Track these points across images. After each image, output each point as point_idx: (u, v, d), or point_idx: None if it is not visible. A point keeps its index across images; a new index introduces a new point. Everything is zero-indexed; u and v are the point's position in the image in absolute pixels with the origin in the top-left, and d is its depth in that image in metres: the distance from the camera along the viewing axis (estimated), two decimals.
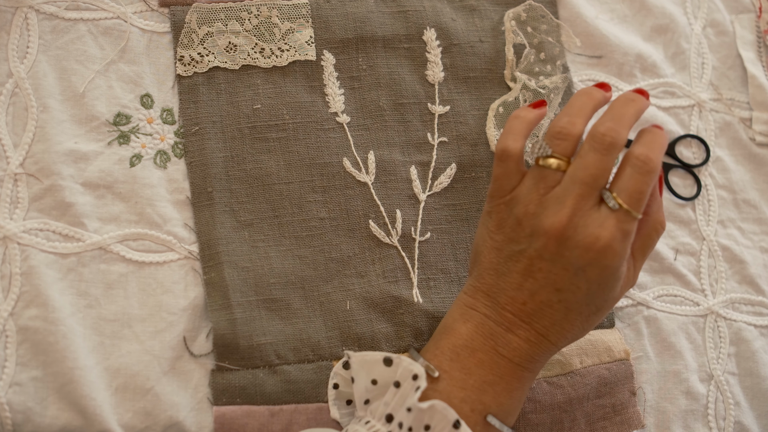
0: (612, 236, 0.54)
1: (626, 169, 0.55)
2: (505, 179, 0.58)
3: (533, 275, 0.56)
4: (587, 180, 0.54)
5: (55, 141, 0.62)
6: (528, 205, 0.56)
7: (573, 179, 0.55)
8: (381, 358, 0.56)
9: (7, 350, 0.57)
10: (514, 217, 0.57)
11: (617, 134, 0.55)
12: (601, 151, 0.55)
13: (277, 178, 0.65)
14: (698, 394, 0.69)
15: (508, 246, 0.57)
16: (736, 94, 0.78)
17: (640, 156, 0.55)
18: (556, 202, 0.55)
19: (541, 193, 0.56)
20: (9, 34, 0.63)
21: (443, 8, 0.72)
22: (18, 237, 0.60)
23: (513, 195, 0.57)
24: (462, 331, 0.57)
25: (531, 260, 0.56)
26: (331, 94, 0.68)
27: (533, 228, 0.55)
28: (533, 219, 0.56)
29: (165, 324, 0.61)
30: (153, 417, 0.59)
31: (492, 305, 0.57)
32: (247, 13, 0.67)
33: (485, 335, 0.57)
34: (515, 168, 0.58)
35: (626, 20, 0.77)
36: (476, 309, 0.58)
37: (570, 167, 0.56)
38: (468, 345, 0.56)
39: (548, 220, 0.55)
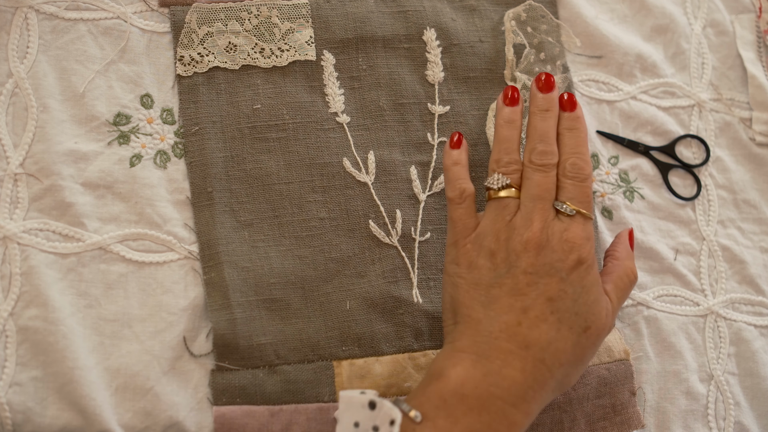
0: (579, 236, 0.59)
1: (566, 182, 0.61)
2: (467, 218, 0.62)
3: (522, 291, 0.58)
4: (543, 195, 0.60)
5: (55, 141, 0.62)
6: (498, 233, 0.60)
7: (531, 198, 0.60)
8: (367, 401, 0.56)
9: (7, 350, 0.57)
10: (486, 249, 0.60)
11: (551, 153, 0.62)
12: (544, 170, 0.61)
13: (277, 178, 0.65)
14: (698, 394, 0.69)
15: (487, 277, 0.59)
16: (736, 94, 0.78)
17: (573, 166, 0.61)
18: (523, 221, 0.60)
19: (507, 220, 0.60)
20: (9, 34, 0.63)
21: (443, 8, 0.72)
22: (18, 237, 0.60)
23: (477, 232, 0.61)
24: (452, 375, 0.56)
25: (516, 279, 0.58)
26: (331, 94, 0.68)
27: (509, 250, 0.59)
28: (508, 243, 0.59)
29: (165, 324, 0.61)
30: (153, 417, 0.59)
31: (484, 341, 0.57)
32: (247, 13, 0.67)
33: (478, 376, 0.55)
34: (473, 207, 0.62)
35: (626, 20, 0.77)
36: (466, 351, 0.57)
37: (523, 192, 0.61)
38: (457, 391, 0.55)
39: (522, 237, 0.59)
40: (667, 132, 0.75)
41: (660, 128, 0.75)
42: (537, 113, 0.63)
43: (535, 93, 0.64)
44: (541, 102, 0.64)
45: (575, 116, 0.64)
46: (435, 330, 0.65)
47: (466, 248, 0.61)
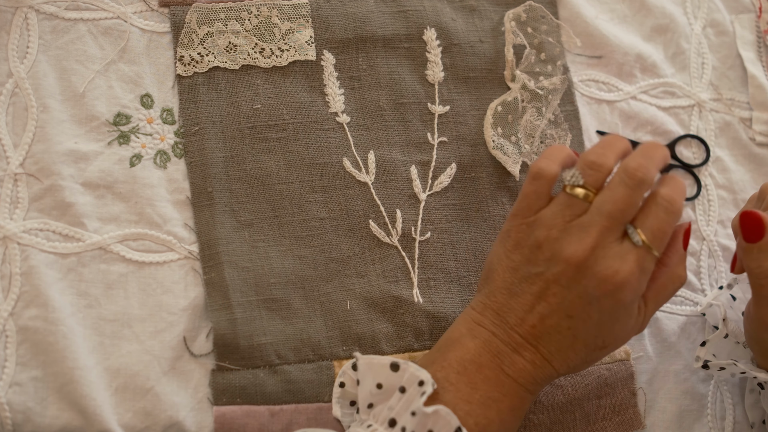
0: (631, 271, 0.54)
1: (651, 208, 0.56)
2: (534, 199, 0.58)
3: (546, 299, 0.56)
4: (614, 213, 0.55)
5: (55, 141, 0.62)
6: (551, 229, 0.56)
7: (600, 211, 0.55)
8: (388, 363, 0.55)
9: (7, 350, 0.57)
10: (534, 238, 0.57)
11: (648, 171, 0.55)
12: (631, 186, 0.55)
13: (277, 178, 0.65)
14: (698, 394, 0.69)
15: (525, 267, 0.57)
16: (736, 94, 0.78)
17: (666, 196, 0.56)
18: (580, 231, 0.55)
19: (567, 220, 0.56)
20: (9, 34, 0.63)
21: (443, 8, 0.72)
22: (18, 237, 0.60)
23: (537, 217, 0.57)
24: (470, 346, 0.57)
25: (547, 284, 0.56)
26: (331, 94, 0.68)
27: (553, 252, 0.55)
28: (555, 243, 0.56)
29: (165, 324, 0.61)
30: (153, 417, 0.59)
31: (500, 324, 0.57)
32: (247, 13, 0.67)
33: (492, 353, 0.56)
34: (546, 190, 0.58)
35: (626, 20, 0.77)
36: (484, 326, 0.57)
37: (597, 198, 0.56)
38: (475, 360, 0.56)
39: (570, 247, 0.55)
40: (667, 132, 0.75)
41: (660, 128, 0.75)
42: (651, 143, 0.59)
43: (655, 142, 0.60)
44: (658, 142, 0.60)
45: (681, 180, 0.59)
46: (435, 330, 0.65)
47: (521, 227, 0.58)
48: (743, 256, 0.60)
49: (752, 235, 0.58)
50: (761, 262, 0.58)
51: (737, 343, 0.67)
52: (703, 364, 0.65)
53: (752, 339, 0.63)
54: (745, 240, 0.59)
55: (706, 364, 0.65)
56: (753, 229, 0.58)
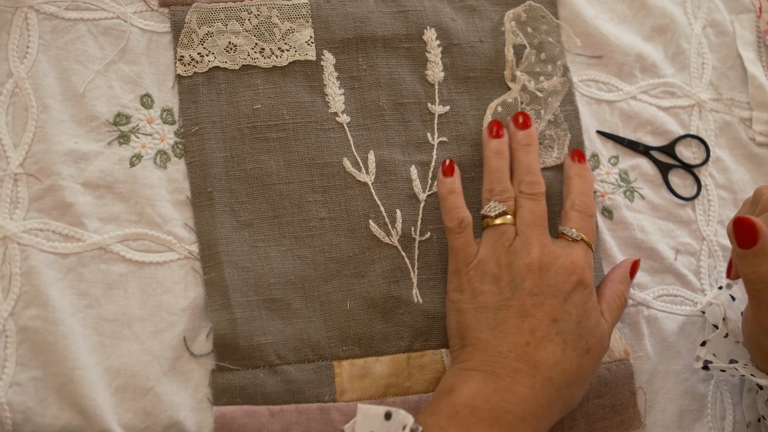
0: (581, 259, 0.62)
1: (573, 213, 0.65)
2: (468, 247, 0.63)
3: (529, 313, 0.59)
4: (539, 222, 0.63)
5: (55, 141, 0.62)
6: (499, 258, 0.62)
7: (528, 224, 0.63)
8: (383, 413, 0.57)
9: (7, 350, 0.57)
10: (489, 275, 0.62)
11: (539, 184, 0.65)
12: (535, 198, 0.64)
13: (277, 178, 0.65)
14: (698, 394, 0.69)
15: (493, 301, 0.61)
16: (736, 94, 0.78)
17: (582, 204, 0.66)
18: (523, 246, 0.62)
19: (507, 245, 0.63)
20: (9, 34, 0.63)
21: (443, 8, 0.72)
22: (18, 237, 0.60)
23: (479, 259, 0.63)
24: (463, 389, 0.57)
25: (522, 300, 0.60)
26: (331, 94, 0.68)
27: (513, 274, 0.61)
28: (509, 267, 0.62)
29: (165, 324, 0.61)
30: (153, 417, 0.59)
31: (493, 360, 0.58)
32: (247, 13, 0.67)
33: (489, 391, 0.57)
34: (472, 235, 0.64)
35: (626, 20, 0.77)
36: (476, 369, 0.58)
37: (518, 219, 0.64)
38: (469, 403, 0.56)
39: (524, 260, 0.61)
40: (667, 132, 0.75)
41: (660, 128, 0.75)
42: (520, 148, 0.67)
43: (515, 131, 0.68)
44: (522, 138, 0.67)
45: (584, 167, 0.68)
46: (435, 330, 0.65)
47: (468, 275, 0.63)
48: (738, 262, 0.60)
49: (746, 241, 0.58)
50: (756, 268, 0.58)
51: (737, 343, 0.67)
52: (703, 365, 0.65)
53: (750, 342, 0.63)
54: (739, 246, 0.59)
55: (707, 366, 0.65)
56: (746, 234, 0.58)
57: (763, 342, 0.61)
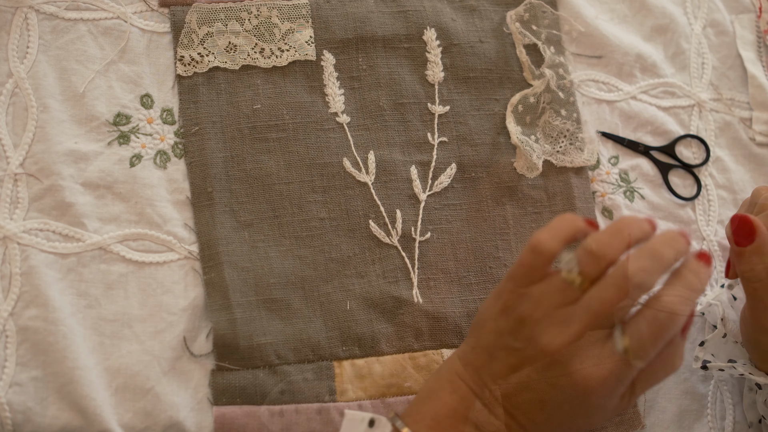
0: (604, 379, 0.52)
1: (647, 314, 0.53)
2: (530, 271, 0.55)
3: (521, 376, 0.54)
4: (601, 313, 0.52)
5: (55, 141, 0.62)
6: (536, 309, 0.53)
7: (587, 307, 0.52)
8: (368, 419, 0.56)
9: (7, 350, 0.57)
10: (520, 312, 0.54)
11: (649, 277, 0.52)
12: (625, 291, 0.51)
13: (277, 178, 0.65)
14: (698, 394, 0.69)
15: (507, 337, 0.55)
16: (736, 94, 0.78)
17: (666, 305, 0.52)
18: (561, 322, 0.53)
19: (555, 305, 0.53)
20: (9, 34, 0.63)
21: (443, 8, 0.72)
22: (18, 237, 0.60)
23: (528, 290, 0.54)
24: (447, 400, 0.55)
25: (522, 362, 0.54)
26: (331, 94, 0.68)
27: (531, 335, 0.53)
28: (536, 326, 0.53)
29: (165, 324, 0.61)
30: (153, 417, 0.59)
31: (480, 383, 0.56)
32: (247, 14, 0.67)
33: (469, 410, 0.55)
34: (542, 266, 0.54)
35: (626, 20, 0.77)
36: (465, 381, 0.56)
37: (589, 292, 0.53)
38: (451, 415, 0.55)
39: (547, 337, 0.53)
40: (667, 132, 0.75)
41: (660, 128, 0.75)
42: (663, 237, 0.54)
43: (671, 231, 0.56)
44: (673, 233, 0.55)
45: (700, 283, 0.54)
46: (435, 330, 0.65)
47: (512, 294, 0.55)
48: (735, 260, 0.59)
49: (743, 239, 0.58)
50: (753, 266, 0.58)
51: (736, 343, 0.67)
52: (702, 365, 0.65)
53: (748, 341, 0.63)
54: (737, 244, 0.58)
55: (705, 365, 0.65)
56: (744, 232, 0.58)
57: (760, 340, 0.61)
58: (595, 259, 0.53)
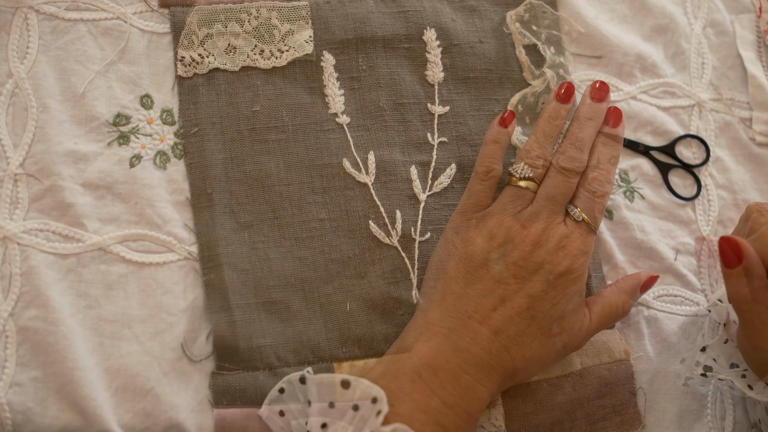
0: (577, 247, 0.61)
1: (583, 192, 0.63)
2: (484, 196, 0.64)
3: (506, 281, 0.59)
4: (557, 198, 0.62)
5: (55, 141, 0.62)
6: (503, 219, 0.62)
7: (546, 197, 0.62)
8: (339, 381, 0.57)
9: (7, 350, 0.58)
10: (487, 229, 0.62)
11: (579, 161, 0.63)
12: (566, 175, 0.63)
13: (276, 179, 0.65)
14: (698, 394, 0.69)
15: (479, 256, 0.61)
16: (736, 94, 0.78)
17: (595, 182, 0.63)
18: (530, 216, 0.62)
19: (517, 210, 0.62)
20: (9, 34, 0.63)
21: (443, 8, 0.71)
22: (18, 237, 0.60)
23: (487, 211, 0.63)
24: (424, 350, 0.58)
25: (505, 267, 0.60)
26: (331, 95, 0.68)
27: (509, 238, 0.61)
28: (508, 231, 0.61)
29: (165, 325, 0.61)
30: (153, 418, 0.59)
31: (457, 317, 0.58)
32: (247, 15, 0.67)
33: (449, 351, 0.57)
34: (493, 188, 0.64)
35: (626, 20, 0.77)
36: (439, 324, 0.59)
37: (541, 188, 0.63)
38: (430, 364, 0.57)
39: (525, 230, 0.61)
40: (667, 132, 0.75)
41: (660, 128, 0.75)
42: (580, 119, 0.65)
43: (585, 99, 0.66)
44: (587, 110, 0.66)
45: (615, 134, 0.66)
46: None
47: (470, 222, 0.63)
48: (724, 281, 0.60)
49: (730, 261, 0.58)
50: (740, 288, 0.58)
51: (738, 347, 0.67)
52: (702, 371, 0.65)
53: (744, 354, 0.64)
54: (724, 265, 0.59)
55: (705, 373, 0.65)
56: (731, 254, 0.58)
57: (752, 356, 0.62)
58: (539, 159, 0.64)
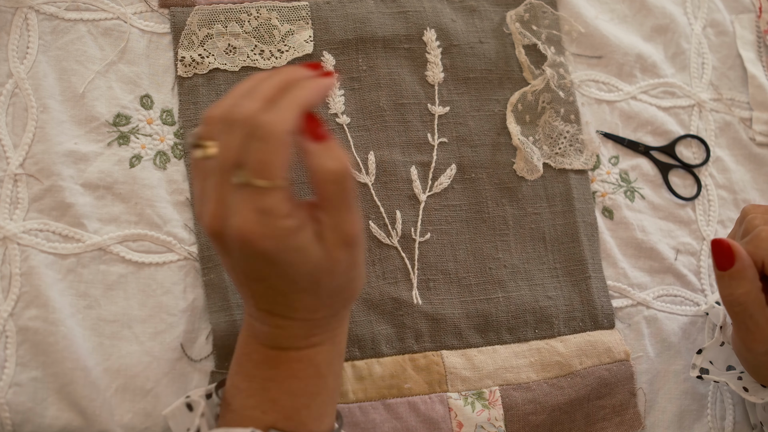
0: (248, 220, 0.47)
1: (245, 141, 0.47)
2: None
3: (233, 269, 0.51)
4: (222, 165, 0.47)
5: (55, 141, 0.62)
6: (195, 205, 0.53)
7: (214, 168, 0.48)
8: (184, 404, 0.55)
9: (7, 351, 0.58)
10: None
11: (240, 108, 0.47)
12: (226, 131, 0.48)
13: None
14: (698, 394, 0.69)
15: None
16: (736, 94, 0.78)
17: (247, 121, 0.47)
18: (203, 198, 0.49)
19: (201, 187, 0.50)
20: (9, 34, 0.63)
21: (443, 9, 0.71)
22: (18, 237, 0.60)
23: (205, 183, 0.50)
24: (240, 340, 0.55)
25: (222, 258, 0.51)
26: (331, 95, 0.68)
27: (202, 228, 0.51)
28: (198, 219, 0.52)
29: (165, 325, 0.61)
30: (153, 418, 0.59)
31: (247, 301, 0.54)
32: (247, 15, 0.67)
33: (252, 334, 0.54)
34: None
35: (626, 20, 0.77)
36: (245, 312, 0.55)
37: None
38: (245, 351, 0.54)
39: (202, 219, 0.49)
40: (667, 132, 0.75)
41: (660, 128, 0.75)
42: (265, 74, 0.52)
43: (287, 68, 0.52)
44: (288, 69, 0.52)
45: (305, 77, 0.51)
46: (435, 331, 0.65)
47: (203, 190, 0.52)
48: (717, 283, 0.60)
49: (723, 263, 0.58)
50: (732, 290, 0.58)
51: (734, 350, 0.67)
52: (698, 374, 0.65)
53: (739, 356, 0.64)
54: (717, 267, 0.59)
55: (701, 376, 0.65)
56: (723, 257, 0.58)
57: (747, 358, 0.62)
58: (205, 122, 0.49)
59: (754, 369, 0.62)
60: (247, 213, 0.47)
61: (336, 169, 0.48)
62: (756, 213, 0.62)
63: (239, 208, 0.47)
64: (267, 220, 0.47)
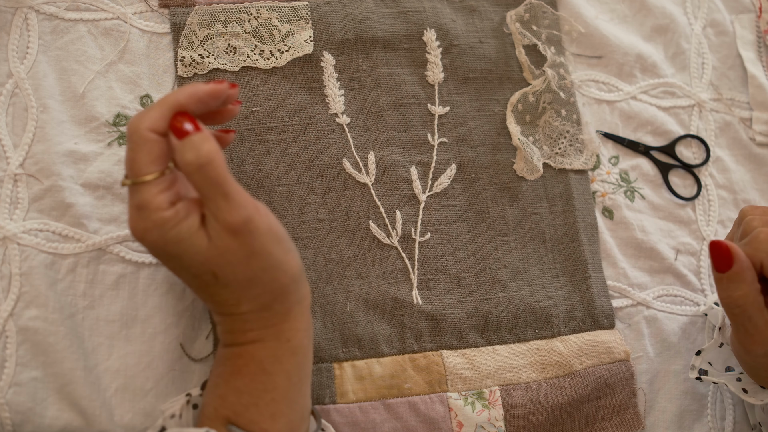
0: (130, 220, 0.51)
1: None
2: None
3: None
4: (129, 173, 0.51)
5: (55, 141, 0.62)
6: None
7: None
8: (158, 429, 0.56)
9: (7, 351, 0.58)
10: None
11: (135, 121, 0.51)
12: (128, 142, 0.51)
13: (276, 179, 0.65)
14: (698, 394, 0.69)
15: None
16: (736, 94, 0.78)
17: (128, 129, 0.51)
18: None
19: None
20: (9, 34, 0.63)
21: (443, 9, 0.71)
22: (18, 237, 0.60)
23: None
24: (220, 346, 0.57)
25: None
26: (331, 95, 0.68)
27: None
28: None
29: (164, 325, 0.61)
30: (153, 418, 0.59)
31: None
32: (247, 15, 0.67)
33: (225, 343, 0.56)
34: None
35: (626, 20, 0.77)
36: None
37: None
38: (220, 354, 0.56)
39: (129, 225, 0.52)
40: (667, 132, 0.75)
41: (660, 128, 0.75)
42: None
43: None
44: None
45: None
46: (435, 331, 0.65)
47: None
48: (715, 285, 0.60)
49: (721, 265, 0.58)
50: (730, 292, 0.58)
51: None
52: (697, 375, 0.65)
53: (738, 357, 0.64)
54: (715, 269, 0.59)
55: (700, 377, 0.65)
56: (721, 259, 0.58)
57: (746, 359, 0.62)
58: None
59: (752, 370, 0.62)
60: (131, 211, 0.51)
61: (193, 161, 0.50)
62: (754, 214, 0.62)
63: (128, 210, 0.52)
64: (144, 214, 0.51)
